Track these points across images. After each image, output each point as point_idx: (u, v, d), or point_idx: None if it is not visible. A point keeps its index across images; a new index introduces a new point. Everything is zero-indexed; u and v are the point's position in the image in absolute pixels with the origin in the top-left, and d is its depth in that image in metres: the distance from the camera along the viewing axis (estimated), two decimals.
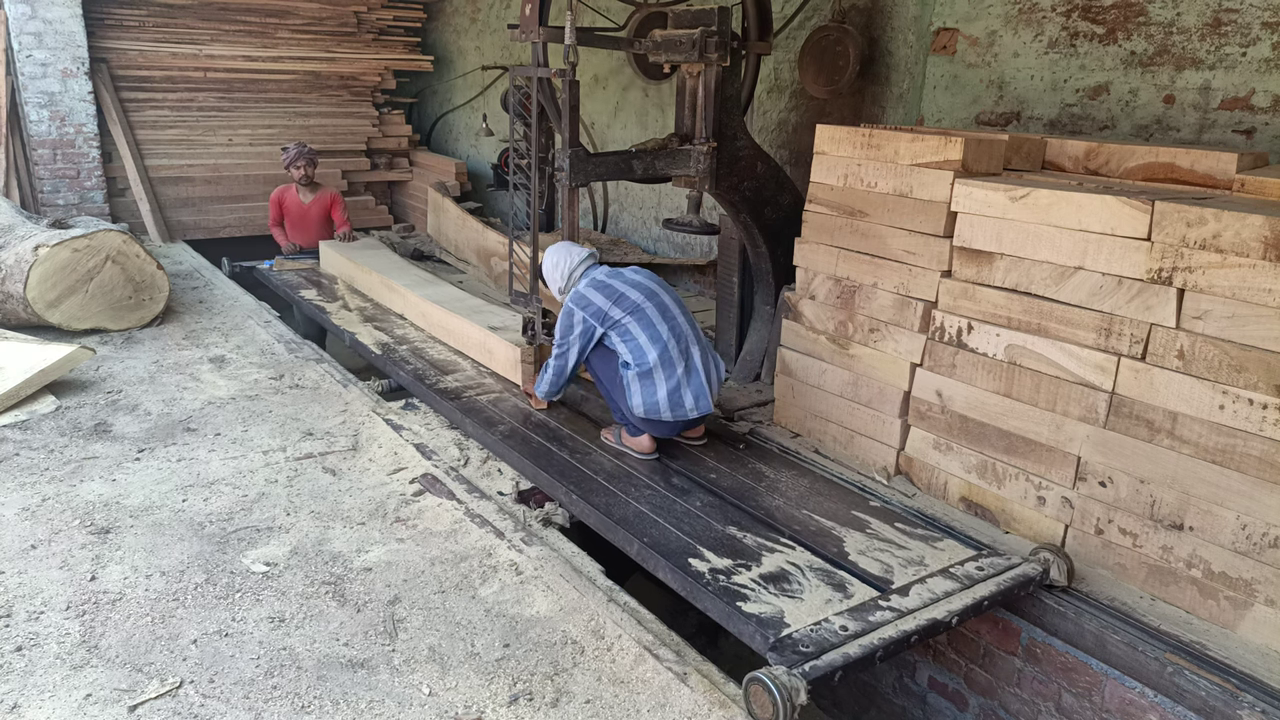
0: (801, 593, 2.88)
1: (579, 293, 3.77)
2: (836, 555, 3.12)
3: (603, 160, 4.16)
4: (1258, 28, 3.71)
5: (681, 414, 3.65)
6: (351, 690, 2.47)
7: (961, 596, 2.89)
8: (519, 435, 4.03)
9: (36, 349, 4.52)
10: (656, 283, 3.81)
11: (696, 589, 2.91)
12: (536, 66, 4.34)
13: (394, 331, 5.54)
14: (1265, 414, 2.71)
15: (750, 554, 3.10)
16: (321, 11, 8.65)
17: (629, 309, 3.66)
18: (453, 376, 4.75)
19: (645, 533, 3.20)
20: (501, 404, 4.39)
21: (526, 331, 4.62)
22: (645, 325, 3.64)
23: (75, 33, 7.33)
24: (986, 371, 3.42)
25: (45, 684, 2.45)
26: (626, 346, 3.65)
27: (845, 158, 3.85)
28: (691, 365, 3.67)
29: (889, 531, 3.30)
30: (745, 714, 2.42)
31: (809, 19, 5.47)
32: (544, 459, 3.79)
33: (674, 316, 3.70)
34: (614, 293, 3.70)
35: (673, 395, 3.62)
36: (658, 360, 3.60)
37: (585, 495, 3.46)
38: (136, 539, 3.18)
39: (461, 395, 4.48)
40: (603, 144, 7.51)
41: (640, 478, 3.64)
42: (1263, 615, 2.79)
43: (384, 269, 6.27)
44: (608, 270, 3.85)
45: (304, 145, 6.93)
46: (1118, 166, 3.64)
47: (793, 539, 3.22)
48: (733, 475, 3.71)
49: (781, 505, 3.47)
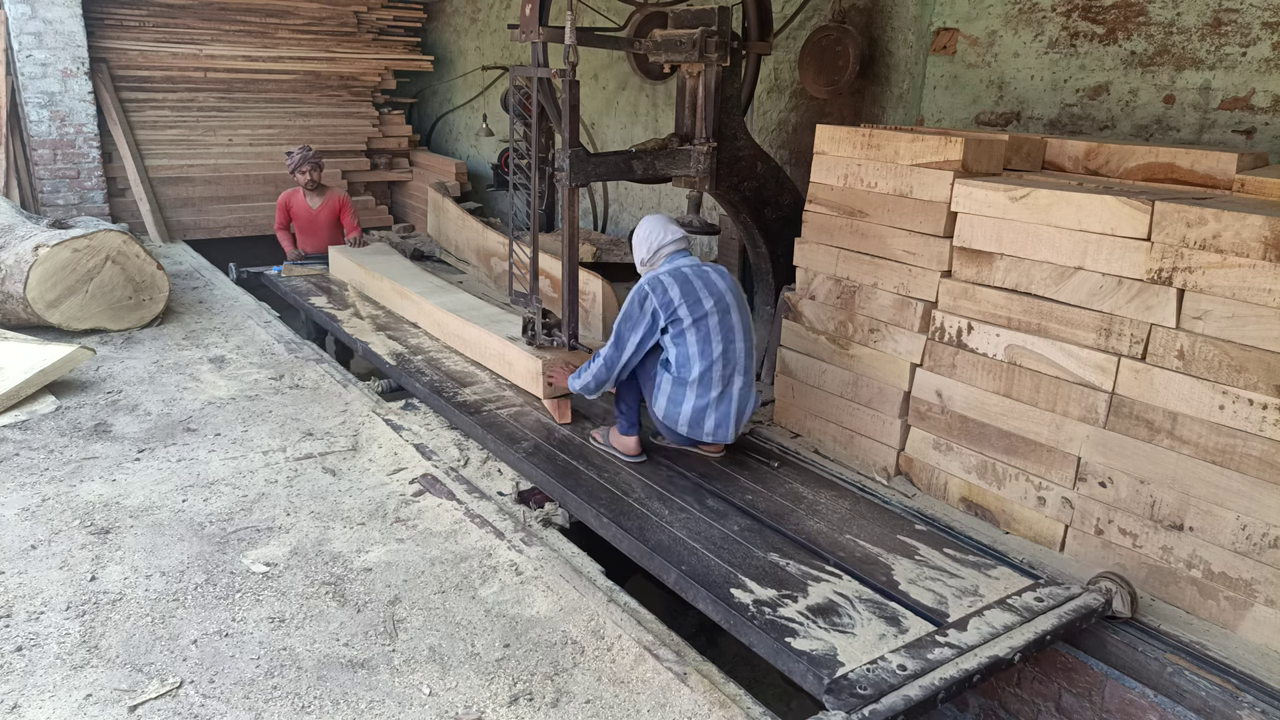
0: (853, 627, 2.72)
1: (657, 276, 3.56)
2: (886, 584, 2.96)
3: (603, 160, 4.16)
4: (1258, 28, 3.71)
5: (697, 434, 3.59)
6: (351, 690, 2.47)
7: (1022, 631, 2.71)
8: (543, 453, 3.87)
9: (36, 349, 4.52)
10: (735, 296, 3.61)
11: (741, 623, 2.75)
12: (536, 66, 4.34)
13: (408, 341, 5.37)
14: (1265, 414, 2.71)
15: (795, 583, 2.94)
16: (321, 11, 8.65)
17: (696, 315, 3.48)
18: (471, 389, 4.57)
19: (683, 560, 3.04)
20: (523, 419, 4.22)
21: (526, 332, 4.62)
22: (702, 337, 3.49)
23: (75, 33, 7.33)
24: (986, 372, 3.42)
25: (45, 684, 2.45)
26: (675, 350, 3.52)
27: (845, 158, 3.85)
28: (728, 393, 3.55)
29: (938, 558, 3.14)
30: (745, 714, 2.42)
31: (809, 19, 5.46)
32: (571, 479, 3.63)
33: (734, 338, 3.54)
34: (691, 292, 3.51)
35: (696, 414, 3.54)
36: (696, 377, 3.49)
37: (617, 519, 3.30)
38: (136, 539, 3.18)
39: (481, 409, 4.30)
40: (603, 144, 7.51)
41: (674, 499, 3.47)
42: (1263, 615, 2.80)
43: (396, 275, 6.09)
44: (695, 264, 3.64)
45: (308, 149, 6.76)
46: (1118, 166, 3.64)
47: (838, 566, 3.06)
48: (769, 496, 3.54)
49: (823, 529, 3.31)
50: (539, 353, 4.41)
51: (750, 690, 2.54)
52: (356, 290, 6.43)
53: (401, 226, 8.86)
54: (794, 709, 3.35)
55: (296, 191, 6.90)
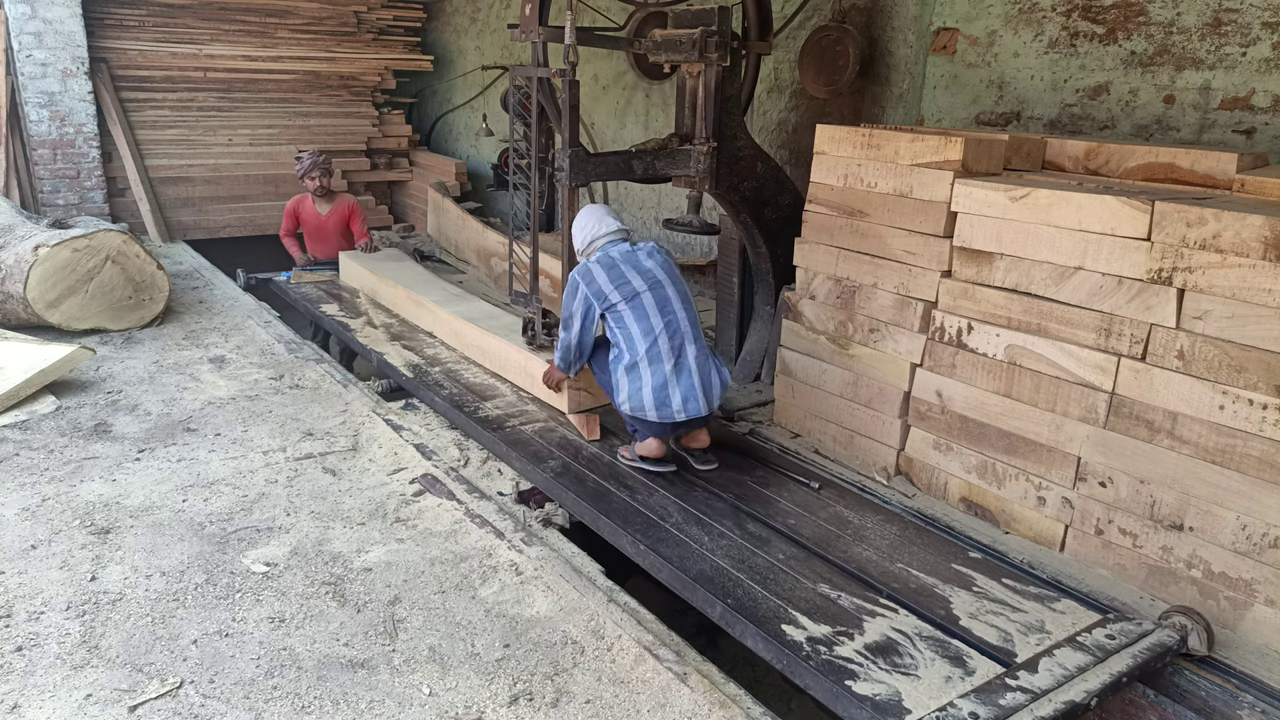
0: (916, 668, 2.56)
1: (586, 266, 3.67)
2: (945, 620, 2.78)
3: (603, 160, 4.16)
4: (1258, 28, 3.71)
5: (668, 414, 3.50)
6: (352, 690, 2.47)
7: (1097, 673, 2.53)
8: (572, 473, 3.69)
9: (36, 349, 4.52)
10: (666, 271, 3.67)
11: (795, 663, 2.57)
12: (536, 66, 4.34)
13: (424, 351, 5.18)
14: (1265, 414, 2.71)
15: (849, 619, 2.77)
16: (321, 11, 8.65)
17: (627, 295, 3.55)
18: (493, 403, 4.40)
19: (729, 593, 2.87)
20: (549, 435, 4.05)
21: (526, 332, 4.62)
22: (639, 315, 3.53)
23: (75, 33, 7.33)
24: (986, 372, 3.42)
25: (45, 684, 2.45)
26: (620, 333, 3.56)
27: (845, 158, 3.85)
28: (683, 364, 3.53)
29: (998, 589, 2.97)
30: (745, 714, 2.42)
31: (809, 19, 5.46)
32: (603, 501, 3.45)
33: (673, 310, 3.58)
34: (619, 275, 3.59)
35: (658, 393, 3.49)
36: (644, 354, 3.50)
37: (655, 546, 3.14)
38: (136, 539, 3.18)
39: (505, 425, 4.13)
40: (603, 144, 7.51)
41: (712, 524, 3.30)
42: (1263, 615, 2.80)
43: (410, 283, 5.90)
44: (625, 250, 3.70)
45: (318, 153, 6.57)
46: (1118, 166, 3.64)
47: (893, 599, 2.89)
48: (813, 521, 3.38)
49: (873, 557, 3.14)
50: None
51: (750, 690, 2.54)
52: (368, 297, 6.26)
53: (401, 226, 8.86)
54: (794, 709, 3.36)
55: (305, 198, 6.72)
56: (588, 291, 3.61)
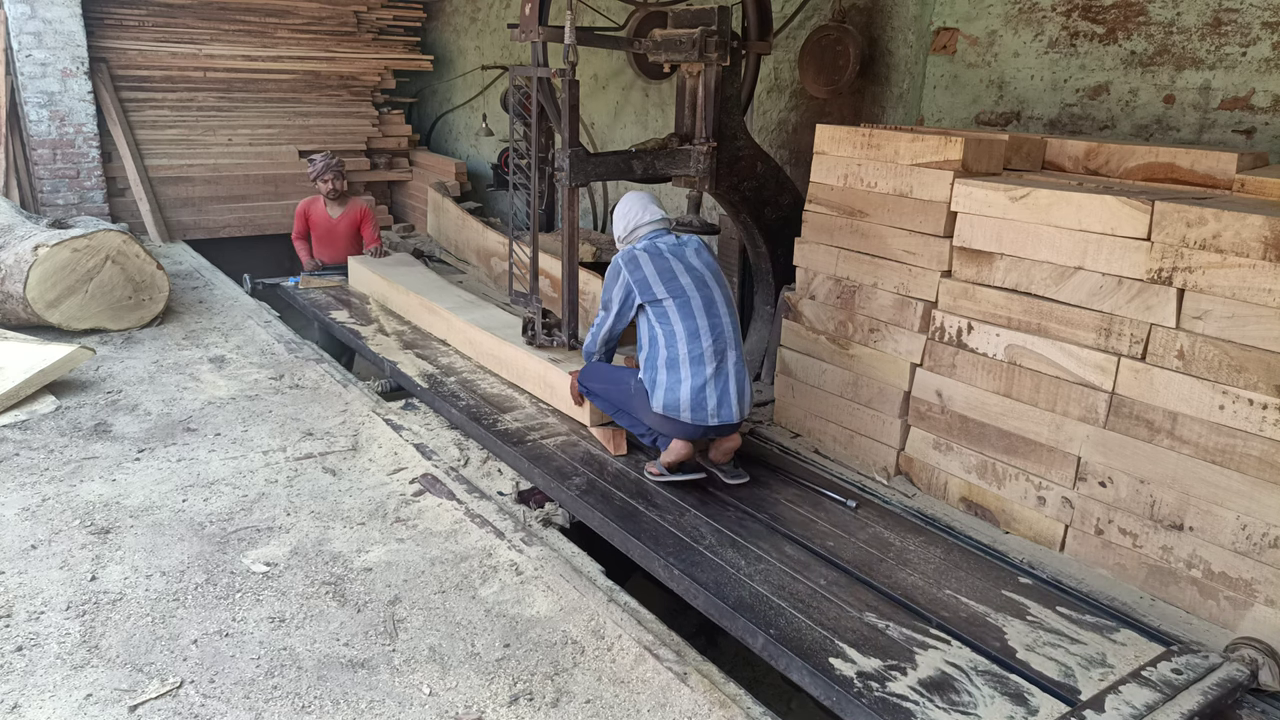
0: (975, 706, 2.42)
1: (632, 252, 3.59)
2: (1001, 652, 2.65)
3: (603, 160, 4.16)
4: (1258, 28, 3.71)
5: (702, 417, 3.42)
6: (352, 690, 2.47)
7: (1166, 711, 2.38)
8: (598, 490, 3.55)
9: (36, 349, 4.52)
10: (714, 274, 3.60)
11: (846, 701, 2.44)
12: (536, 66, 4.34)
13: (438, 360, 5.04)
14: (1265, 414, 2.71)
15: (900, 651, 2.64)
16: (321, 11, 8.65)
17: (675, 292, 3.47)
18: (512, 415, 4.26)
19: (771, 622, 2.73)
20: (572, 450, 3.91)
21: (526, 331, 4.62)
22: (685, 315, 3.45)
23: (75, 32, 7.33)
24: (986, 371, 3.42)
25: (45, 684, 2.45)
26: (661, 329, 3.48)
27: (845, 158, 3.85)
28: (724, 369, 3.46)
29: (1053, 618, 2.84)
30: (745, 714, 2.42)
31: (809, 19, 5.46)
32: (631, 522, 3.31)
33: (719, 314, 3.50)
34: (665, 268, 3.51)
35: (696, 395, 3.41)
36: (687, 353, 3.42)
37: (690, 570, 3.00)
38: (136, 539, 3.18)
39: (525, 439, 3.99)
40: (603, 144, 7.51)
41: (748, 546, 3.18)
42: (1263, 615, 2.79)
43: (422, 289, 5.76)
44: (671, 242, 3.64)
45: (330, 155, 6.52)
46: (1118, 166, 3.64)
47: (943, 629, 2.76)
48: (853, 543, 3.25)
49: (919, 583, 3.01)
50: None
51: (750, 690, 2.54)
52: (379, 304, 6.14)
53: (401, 226, 8.86)
54: (794, 709, 3.36)
55: (316, 200, 6.66)
56: (630, 279, 3.54)
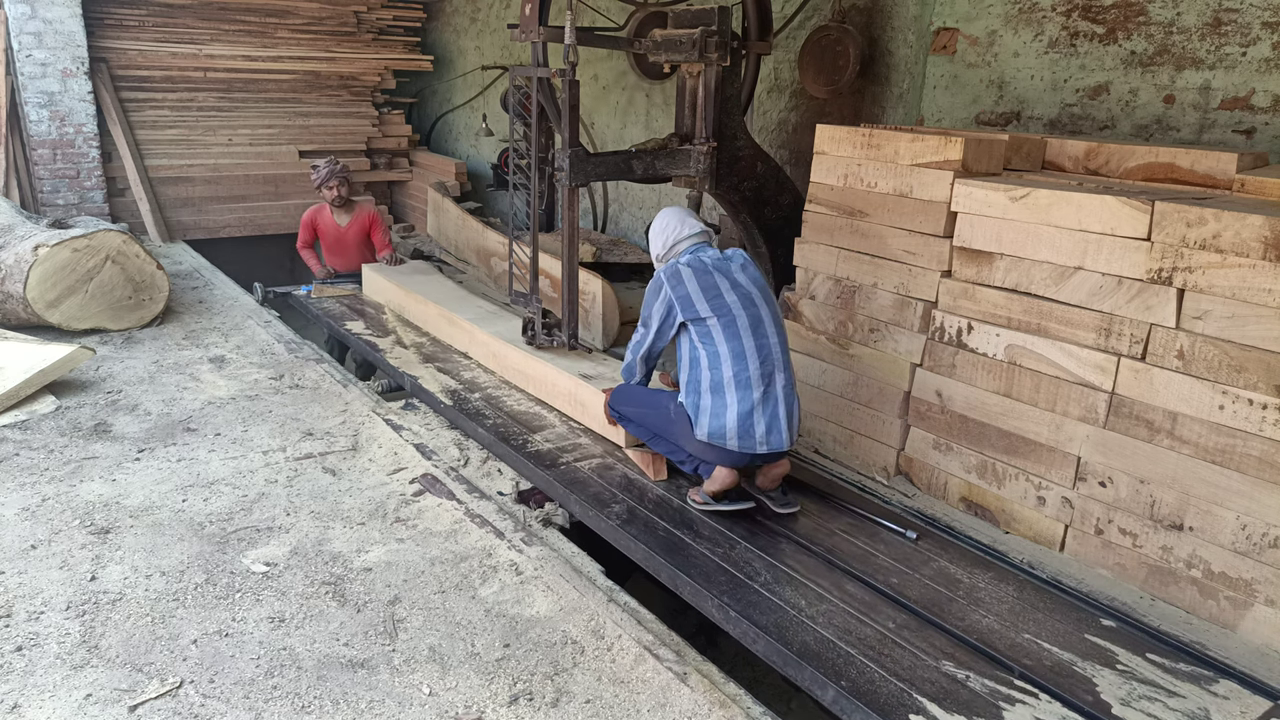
0: None
1: (675, 267, 3.40)
2: (1095, 707, 2.44)
3: (603, 160, 4.16)
4: (1258, 28, 3.71)
5: (749, 444, 3.22)
6: (351, 690, 2.47)
7: None
8: (640, 519, 3.34)
9: (36, 349, 4.52)
10: (761, 291, 3.40)
11: None
12: (536, 66, 4.34)
13: (461, 375, 4.83)
14: (1265, 414, 2.71)
15: (984, 707, 2.42)
16: (321, 11, 8.65)
17: (720, 310, 3.28)
18: (542, 435, 4.05)
19: (841, 672, 2.53)
20: (609, 475, 3.70)
21: (526, 332, 4.62)
22: (731, 335, 3.25)
23: (75, 33, 7.33)
24: (986, 371, 3.42)
25: (45, 684, 2.45)
26: (704, 350, 3.28)
27: (845, 158, 3.86)
28: (771, 393, 3.25)
29: (1145, 667, 2.63)
30: (745, 714, 2.42)
31: (809, 19, 5.46)
32: (679, 554, 3.11)
33: (766, 335, 3.29)
34: (711, 287, 3.32)
35: (743, 421, 3.21)
36: (732, 377, 3.22)
37: (747, 612, 2.78)
38: (136, 539, 3.18)
39: (558, 462, 3.78)
40: (603, 144, 7.51)
41: (806, 583, 2.96)
42: (1263, 615, 2.80)
43: (441, 299, 5.56)
44: (715, 256, 3.45)
45: (335, 161, 6.31)
46: (1118, 166, 3.64)
47: (1028, 680, 2.55)
48: (917, 579, 3.03)
49: (994, 626, 2.79)
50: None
51: (750, 690, 2.54)
52: (395, 313, 5.95)
53: (401, 226, 8.87)
54: (794, 709, 3.36)
55: (323, 208, 6.44)
56: (673, 296, 3.35)
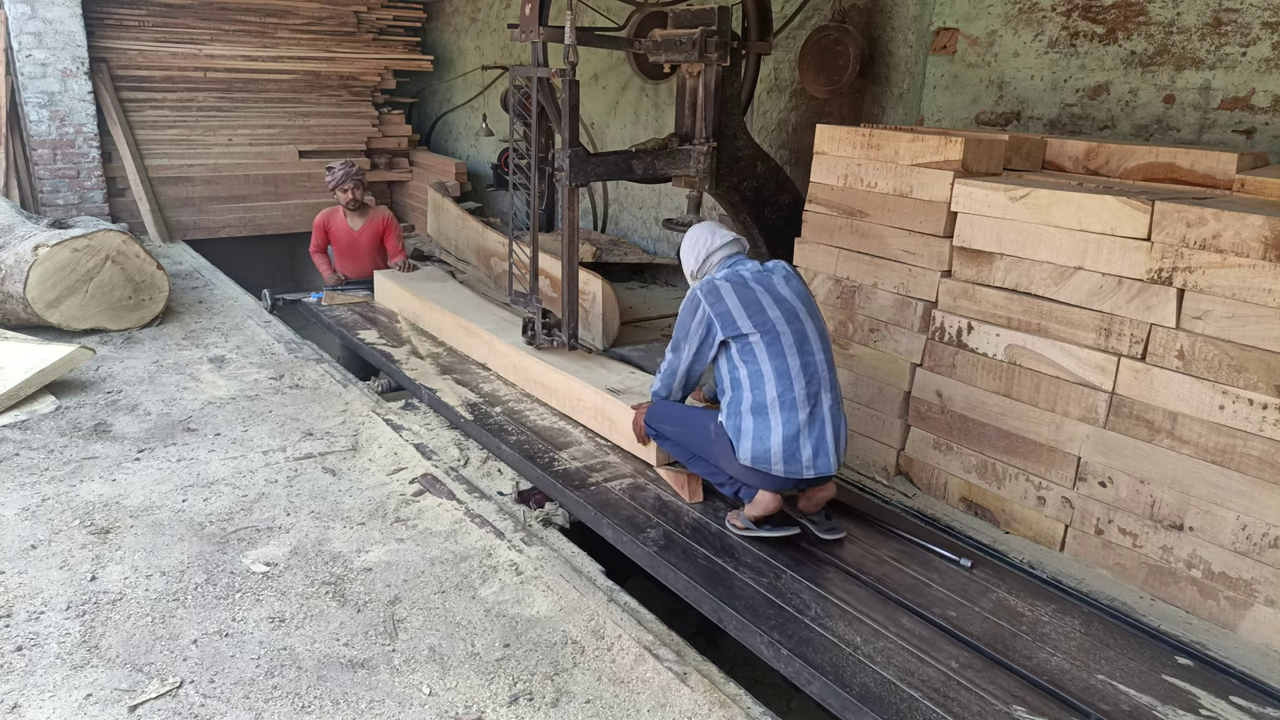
0: None
1: (712, 282, 3.20)
2: None
3: (603, 160, 4.16)
4: (1258, 28, 3.71)
5: (795, 469, 3.02)
6: (352, 690, 2.47)
7: None
8: (678, 546, 3.16)
9: (36, 349, 4.52)
10: (805, 304, 3.18)
11: None
12: (536, 66, 4.34)
13: (480, 387, 4.66)
14: (1265, 414, 2.71)
15: None
16: (321, 11, 8.65)
17: (762, 326, 3.07)
18: (569, 453, 3.86)
19: (907, 719, 2.38)
20: (641, 496, 3.51)
21: (526, 332, 4.62)
22: (775, 353, 3.04)
23: (75, 33, 7.33)
24: (986, 371, 3.42)
25: (45, 684, 2.45)
26: (747, 370, 3.07)
27: (845, 158, 3.86)
28: (818, 414, 3.04)
29: (1231, 713, 2.46)
30: (745, 714, 2.42)
31: (809, 19, 5.46)
32: (722, 585, 2.93)
33: (812, 352, 3.09)
34: (752, 301, 3.11)
35: (788, 444, 3.00)
36: (777, 398, 3.01)
37: (800, 650, 2.59)
38: (136, 539, 3.18)
39: (588, 482, 3.59)
40: (602, 144, 7.51)
41: (859, 617, 2.78)
42: (1263, 615, 2.80)
43: (457, 307, 5.38)
44: (755, 269, 3.25)
45: (350, 164, 6.13)
46: (1118, 166, 3.64)
47: None
48: (977, 613, 2.84)
49: (1064, 665, 2.61)
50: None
51: (750, 690, 2.54)
52: (409, 322, 5.78)
53: (401, 226, 8.87)
54: (794, 709, 3.36)
55: (336, 211, 6.28)
56: (711, 313, 3.13)
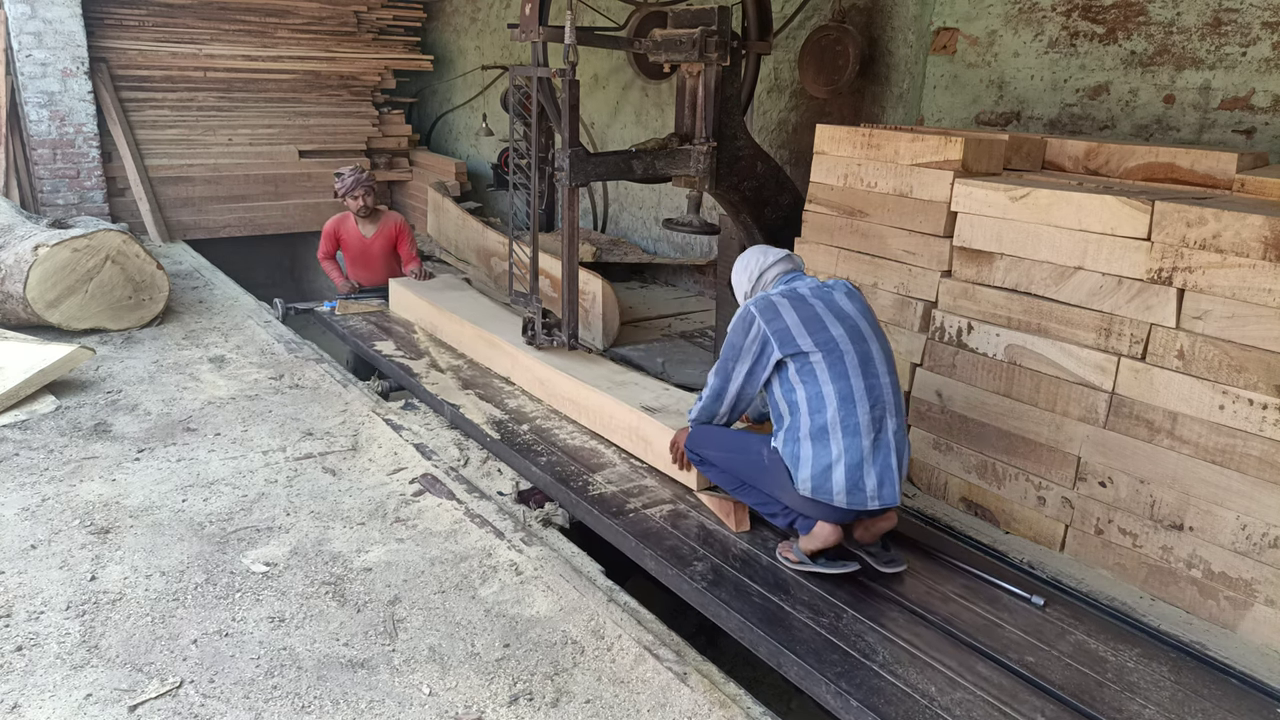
0: None
1: (765, 297, 2.98)
2: None
3: (603, 160, 4.16)
4: (1258, 28, 3.71)
5: (859, 500, 2.80)
6: (351, 690, 2.47)
7: None
8: (728, 581, 2.93)
9: (36, 349, 4.52)
10: (869, 323, 2.97)
11: None
12: (536, 66, 4.34)
13: (505, 403, 4.43)
14: (1265, 414, 2.71)
15: None
16: (321, 11, 8.66)
17: (824, 344, 2.84)
18: (603, 476, 3.65)
19: None
20: (684, 524, 3.28)
21: (526, 332, 4.62)
22: (838, 374, 2.82)
23: (75, 32, 7.33)
24: (986, 371, 3.42)
25: (45, 684, 2.45)
26: (805, 390, 2.85)
27: (845, 158, 3.86)
28: (883, 440, 2.82)
29: None
30: (745, 714, 2.42)
31: (809, 19, 5.46)
32: (780, 627, 2.70)
33: (877, 374, 2.86)
34: (813, 317, 2.89)
35: (851, 473, 2.78)
36: (837, 419, 2.79)
37: (870, 700, 2.40)
38: (136, 539, 3.18)
39: (625, 509, 3.37)
40: (603, 144, 7.51)
41: (931, 663, 2.58)
42: (1263, 615, 2.80)
43: (478, 318, 5.15)
44: (813, 284, 3.04)
45: (360, 170, 5.88)
46: (1118, 166, 3.64)
47: None
48: (1057, 658, 2.63)
49: (1158, 719, 2.42)
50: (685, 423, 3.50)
51: (750, 690, 2.54)
52: (426, 332, 5.56)
53: None
54: (794, 709, 3.36)
55: (346, 217, 6.04)
56: (768, 330, 2.90)
